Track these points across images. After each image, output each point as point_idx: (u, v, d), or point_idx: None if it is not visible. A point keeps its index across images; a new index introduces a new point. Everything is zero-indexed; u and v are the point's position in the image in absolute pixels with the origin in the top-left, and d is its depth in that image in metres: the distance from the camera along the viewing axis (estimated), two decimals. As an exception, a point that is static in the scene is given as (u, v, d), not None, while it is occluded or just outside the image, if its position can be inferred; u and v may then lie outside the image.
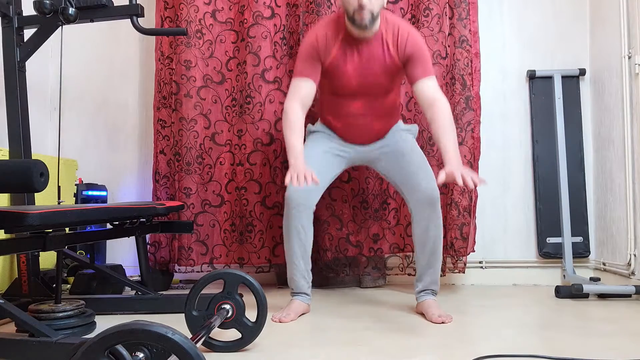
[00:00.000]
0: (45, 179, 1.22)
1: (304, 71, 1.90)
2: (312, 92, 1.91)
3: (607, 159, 2.51)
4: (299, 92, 1.89)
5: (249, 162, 2.49)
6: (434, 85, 1.87)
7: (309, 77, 1.90)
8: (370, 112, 1.98)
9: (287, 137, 1.83)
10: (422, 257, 1.94)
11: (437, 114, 1.80)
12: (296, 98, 1.89)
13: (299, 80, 1.91)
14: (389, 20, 1.89)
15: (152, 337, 0.86)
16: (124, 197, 2.83)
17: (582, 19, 2.69)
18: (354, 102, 1.97)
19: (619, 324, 1.79)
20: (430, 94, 1.84)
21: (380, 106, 1.98)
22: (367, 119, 1.99)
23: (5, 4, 1.95)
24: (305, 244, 1.97)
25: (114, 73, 2.86)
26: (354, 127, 2.02)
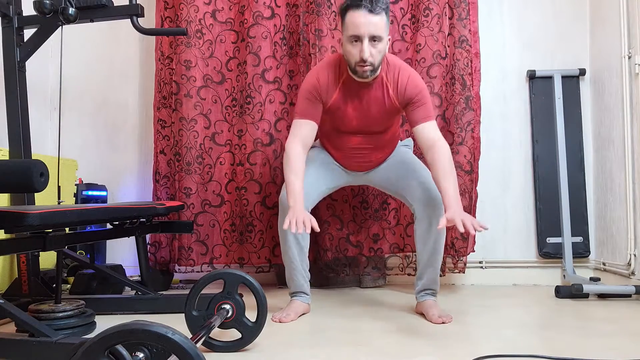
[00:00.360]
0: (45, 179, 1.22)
1: (305, 112, 1.89)
2: (313, 133, 1.91)
3: (607, 159, 2.51)
4: (300, 133, 1.88)
5: (249, 162, 2.49)
6: (434, 128, 1.86)
7: (310, 119, 1.89)
8: (369, 146, 2.00)
9: (288, 178, 1.82)
10: (424, 255, 1.94)
11: (437, 157, 1.79)
12: (297, 139, 1.87)
13: (300, 121, 1.90)
14: (390, 63, 1.89)
15: (152, 337, 0.86)
16: (124, 197, 2.83)
17: (582, 19, 2.69)
18: (353, 138, 1.99)
19: (619, 324, 1.78)
20: (430, 137, 1.83)
21: (380, 140, 2.01)
22: (366, 152, 2.02)
23: (5, 4, 1.95)
24: (302, 243, 1.97)
25: (114, 73, 2.86)
26: (353, 159, 2.05)
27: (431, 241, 1.91)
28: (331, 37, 2.44)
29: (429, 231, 1.91)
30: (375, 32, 1.73)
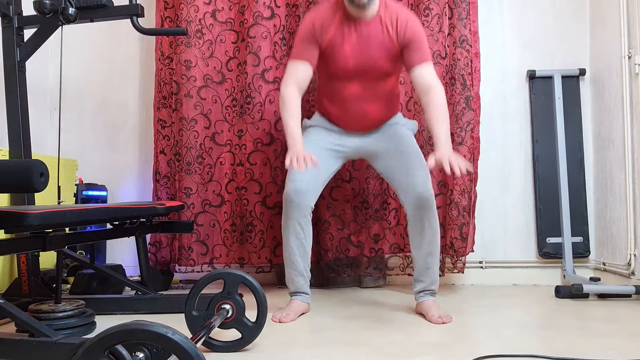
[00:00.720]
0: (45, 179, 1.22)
1: (301, 54, 1.90)
2: (308, 75, 1.91)
3: (607, 159, 2.51)
4: (296, 75, 1.89)
5: (249, 162, 2.49)
6: (431, 71, 1.87)
7: (305, 60, 1.90)
8: (367, 96, 1.95)
9: (285, 120, 1.85)
10: (419, 258, 1.95)
11: (432, 101, 1.81)
12: (292, 81, 1.89)
13: (295, 62, 1.91)
14: (389, 6, 1.90)
15: (152, 337, 0.86)
16: (124, 197, 2.83)
17: (582, 19, 2.69)
18: (350, 85, 1.95)
19: (619, 324, 1.79)
20: (426, 81, 1.85)
21: (378, 91, 1.96)
22: (363, 103, 1.96)
23: (5, 4, 1.95)
24: (304, 243, 1.97)
25: (114, 73, 2.86)
26: (351, 113, 1.99)
27: (426, 243, 1.92)
28: (331, 37, 2.44)
29: (422, 233, 1.92)
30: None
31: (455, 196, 2.40)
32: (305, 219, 1.95)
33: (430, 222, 1.91)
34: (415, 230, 1.93)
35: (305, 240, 1.97)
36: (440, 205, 2.47)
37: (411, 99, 2.49)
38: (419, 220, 1.91)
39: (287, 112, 1.85)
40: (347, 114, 2.00)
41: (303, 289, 2.01)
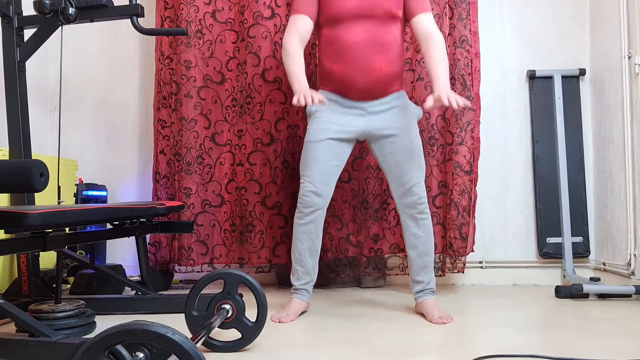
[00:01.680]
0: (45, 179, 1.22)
1: (301, 8, 1.97)
2: (309, 28, 1.97)
3: (607, 159, 2.51)
4: (297, 27, 1.96)
5: (249, 162, 2.49)
6: (431, 20, 1.94)
7: (305, 14, 1.97)
8: (370, 43, 1.91)
9: (289, 67, 1.89)
10: (414, 258, 1.97)
11: (431, 47, 1.88)
12: (294, 33, 1.95)
13: (296, 16, 1.98)
14: None
15: (152, 337, 0.86)
16: (124, 197, 2.83)
17: (582, 19, 2.69)
18: (353, 30, 1.91)
19: (619, 324, 1.79)
20: (426, 28, 1.92)
21: (382, 39, 1.92)
22: (367, 52, 1.91)
23: (5, 4, 1.95)
24: (315, 243, 1.99)
25: (114, 73, 2.86)
26: (355, 65, 1.91)
27: (420, 243, 1.94)
28: (331, 37, 2.44)
29: (415, 236, 1.95)
30: None
31: (455, 196, 2.41)
32: (319, 221, 1.98)
33: (422, 222, 1.94)
34: (409, 232, 1.96)
35: (317, 240, 1.99)
36: (440, 205, 2.48)
37: (413, 93, 2.49)
38: (411, 220, 1.94)
39: (289, 59, 1.90)
40: (350, 67, 1.92)
41: (306, 287, 2.01)
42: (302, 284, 2.01)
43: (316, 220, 1.97)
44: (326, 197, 1.97)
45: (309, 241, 1.98)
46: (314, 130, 1.98)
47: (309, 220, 1.96)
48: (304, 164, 1.98)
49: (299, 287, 2.01)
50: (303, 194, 1.96)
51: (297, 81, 1.84)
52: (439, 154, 2.48)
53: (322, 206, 1.97)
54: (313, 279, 2.03)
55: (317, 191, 1.95)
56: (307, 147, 1.98)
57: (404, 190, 1.94)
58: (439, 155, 2.48)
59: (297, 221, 1.99)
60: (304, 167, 1.98)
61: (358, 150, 2.51)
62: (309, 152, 1.97)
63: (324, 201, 1.97)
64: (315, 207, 1.96)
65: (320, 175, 1.95)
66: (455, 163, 2.42)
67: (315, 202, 1.95)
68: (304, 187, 1.96)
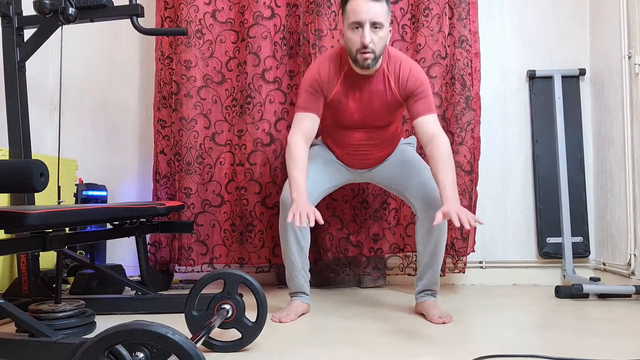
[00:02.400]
0: (45, 179, 1.22)
1: (307, 106, 1.88)
2: (315, 127, 1.89)
3: (607, 159, 2.51)
4: (303, 126, 1.87)
5: (249, 162, 2.49)
6: (435, 122, 1.85)
7: (312, 112, 1.88)
8: (371, 142, 1.99)
9: (291, 172, 1.80)
10: (424, 256, 1.93)
11: (436, 151, 1.78)
12: (299, 133, 1.86)
13: (302, 115, 1.89)
14: (392, 56, 1.88)
15: (152, 337, 0.86)
16: (124, 197, 2.83)
17: (582, 19, 2.69)
18: (355, 133, 1.97)
19: (619, 324, 1.79)
20: (430, 131, 1.82)
21: (382, 137, 1.99)
22: (368, 148, 2.01)
23: (5, 4, 1.95)
24: (302, 243, 1.96)
25: (114, 73, 2.86)
26: (355, 156, 2.03)
27: (432, 242, 1.91)
28: (331, 37, 2.44)
29: (430, 232, 1.90)
30: (376, 19, 1.73)
31: (455, 196, 2.40)
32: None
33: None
34: (424, 230, 1.92)
35: (304, 240, 1.97)
36: (440, 205, 2.48)
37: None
38: (428, 218, 1.89)
39: (293, 163, 1.81)
40: (350, 156, 2.04)
41: (303, 288, 2.01)
42: (298, 287, 2.01)
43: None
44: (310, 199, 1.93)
45: (294, 242, 1.95)
46: (315, 154, 2.04)
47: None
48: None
49: (295, 290, 2.02)
50: (285, 197, 1.93)
51: (297, 190, 1.75)
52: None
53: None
54: (307, 279, 2.02)
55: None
56: None
57: (422, 191, 1.92)
58: (439, 155, 2.48)
59: (281, 223, 1.97)
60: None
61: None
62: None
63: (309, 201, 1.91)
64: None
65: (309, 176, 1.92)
66: (456, 163, 2.41)
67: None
68: (286, 198, 1.92)
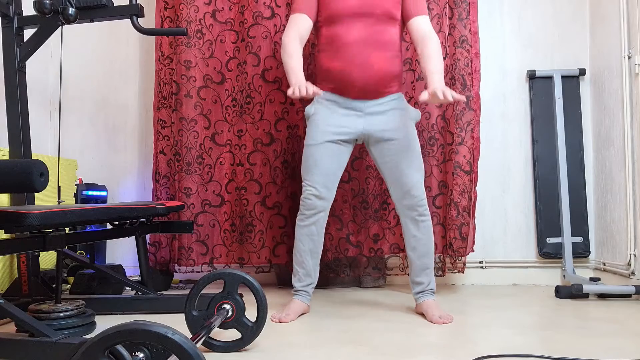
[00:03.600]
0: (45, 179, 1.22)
1: (300, 7, 1.99)
2: (309, 26, 2.00)
3: (607, 159, 2.51)
4: (297, 25, 1.98)
5: (249, 162, 2.49)
6: (427, 22, 1.98)
7: (305, 13, 1.99)
8: (369, 41, 1.92)
9: (287, 63, 1.92)
10: (414, 260, 1.97)
11: (427, 47, 1.91)
12: (294, 31, 1.97)
13: (296, 15, 2.00)
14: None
15: (152, 337, 0.86)
16: (124, 197, 2.83)
17: (582, 19, 2.69)
18: (352, 29, 1.94)
19: (619, 324, 1.79)
20: (422, 30, 1.95)
21: (380, 38, 1.94)
22: (365, 49, 1.92)
23: (5, 4, 1.95)
24: (317, 245, 1.99)
25: (114, 73, 2.86)
26: (353, 62, 1.92)
27: (419, 247, 1.95)
28: (331, 37, 2.44)
29: (416, 237, 1.95)
30: None
31: (455, 196, 2.41)
32: (320, 224, 1.98)
33: (422, 224, 1.95)
34: (409, 234, 1.96)
35: (318, 242, 1.99)
36: (440, 206, 2.48)
37: (412, 99, 2.48)
38: (411, 222, 1.95)
39: (287, 56, 1.92)
40: (349, 64, 1.93)
41: (306, 288, 2.01)
42: (303, 286, 2.01)
43: (318, 222, 1.98)
44: (328, 199, 1.98)
45: (310, 243, 1.98)
46: (313, 133, 1.99)
47: (310, 222, 1.97)
48: (305, 168, 1.98)
49: (299, 288, 2.02)
50: (305, 197, 1.97)
51: (294, 74, 1.87)
52: (439, 154, 2.48)
53: (324, 208, 1.98)
54: (314, 281, 2.03)
55: (319, 194, 1.95)
56: (307, 150, 1.98)
57: (404, 192, 1.94)
58: (439, 155, 2.48)
59: (299, 223, 2.00)
60: (305, 171, 1.98)
61: (358, 151, 2.51)
62: (310, 156, 1.97)
63: (326, 203, 1.98)
64: (317, 210, 1.96)
65: (322, 178, 1.96)
66: (455, 163, 2.42)
67: (317, 205, 1.96)
68: (306, 191, 1.97)
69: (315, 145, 1.97)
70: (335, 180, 1.99)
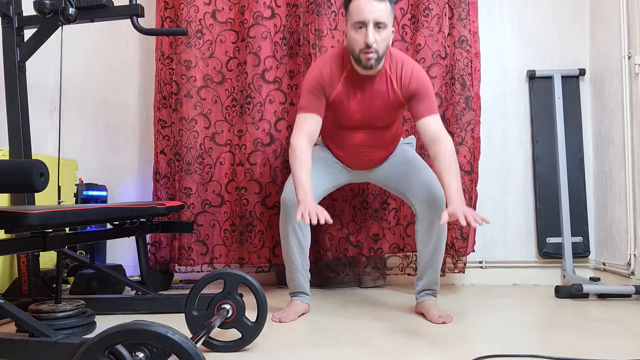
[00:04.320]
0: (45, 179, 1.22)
1: (309, 106, 1.87)
2: (317, 128, 1.88)
3: (607, 159, 2.51)
4: (305, 127, 1.86)
5: (249, 162, 2.49)
6: (438, 122, 1.85)
7: (314, 113, 1.87)
8: (372, 143, 1.99)
9: (296, 173, 1.79)
10: (424, 255, 1.94)
11: (440, 152, 1.79)
12: (303, 133, 1.85)
13: (304, 115, 1.87)
14: (394, 56, 1.88)
15: (152, 337, 0.86)
16: (124, 197, 2.83)
17: (582, 19, 2.69)
18: (356, 134, 1.97)
19: (619, 324, 1.79)
20: (433, 131, 1.83)
21: (383, 137, 1.99)
22: (369, 149, 2.01)
23: (5, 4, 1.95)
24: (303, 243, 1.96)
25: (114, 73, 2.86)
26: (356, 157, 2.04)
27: (432, 241, 1.91)
28: (331, 37, 2.44)
29: (430, 231, 1.90)
30: (380, 19, 1.73)
31: (455, 196, 2.40)
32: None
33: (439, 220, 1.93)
34: (424, 229, 1.92)
35: (304, 240, 1.97)
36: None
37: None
38: (428, 218, 1.90)
39: (298, 164, 1.79)
40: (352, 157, 2.05)
41: (303, 288, 2.01)
42: (299, 286, 2.01)
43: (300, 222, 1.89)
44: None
45: (295, 241, 1.94)
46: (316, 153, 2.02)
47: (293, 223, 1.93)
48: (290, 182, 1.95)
49: (295, 290, 2.02)
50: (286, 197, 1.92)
51: (302, 190, 1.73)
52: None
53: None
54: (307, 276, 2.02)
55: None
56: None
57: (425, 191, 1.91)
58: (439, 155, 2.48)
59: (282, 224, 1.97)
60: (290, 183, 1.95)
61: (358, 150, 2.52)
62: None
63: None
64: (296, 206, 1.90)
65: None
66: (455, 163, 2.42)
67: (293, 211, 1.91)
68: (287, 191, 1.93)
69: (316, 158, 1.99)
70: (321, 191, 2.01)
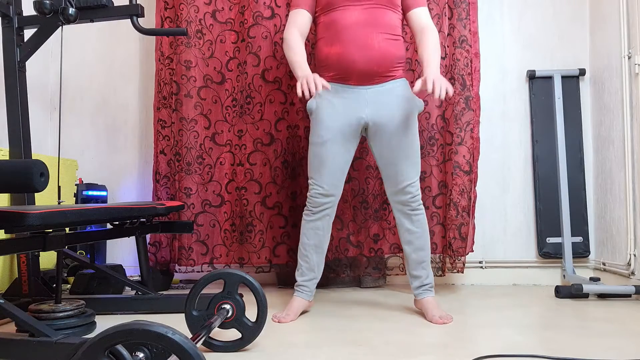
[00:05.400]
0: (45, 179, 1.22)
1: (299, 3, 2.01)
2: (308, 22, 2.02)
3: (607, 159, 2.51)
4: (297, 21, 2.00)
5: (249, 162, 2.49)
6: (426, 14, 2.00)
7: (304, 8, 2.01)
8: (367, 23, 1.90)
9: (290, 57, 1.92)
10: (410, 253, 1.97)
11: (425, 38, 1.93)
12: (294, 27, 1.99)
13: (295, 11, 2.02)
14: None
15: (152, 337, 0.86)
16: (124, 197, 2.83)
17: (582, 19, 2.69)
18: (349, 12, 1.91)
19: (619, 324, 1.79)
20: (421, 22, 1.98)
21: (378, 20, 1.90)
22: (364, 30, 1.89)
23: (5, 4, 1.95)
24: (322, 240, 2.00)
25: (114, 73, 2.86)
26: (353, 43, 1.88)
27: (414, 241, 1.95)
28: (331, 37, 2.44)
29: (410, 231, 1.95)
30: None
31: (455, 196, 2.41)
32: (327, 223, 1.98)
33: (417, 219, 1.95)
34: (403, 229, 1.97)
35: (324, 238, 1.99)
36: (440, 205, 2.48)
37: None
38: (403, 215, 1.95)
39: (292, 51, 1.93)
40: (348, 46, 1.89)
41: (308, 283, 2.01)
42: (305, 280, 2.00)
43: (324, 218, 1.98)
44: (336, 195, 1.98)
45: (315, 237, 1.98)
46: (318, 130, 1.96)
47: (317, 217, 1.97)
48: (311, 166, 1.98)
49: (301, 282, 2.01)
50: (312, 195, 1.97)
51: (300, 67, 1.87)
52: (439, 154, 2.48)
53: (331, 205, 1.98)
54: (317, 276, 2.02)
55: (326, 192, 1.96)
56: (312, 149, 1.97)
57: (398, 189, 1.95)
58: (438, 155, 2.48)
59: (305, 218, 2.00)
60: (311, 170, 1.98)
61: (358, 151, 2.51)
62: (315, 155, 1.95)
63: (334, 200, 1.98)
64: (324, 207, 1.97)
65: (328, 177, 1.95)
66: (455, 163, 2.42)
67: (324, 202, 1.96)
68: (313, 190, 1.97)
69: (321, 143, 1.94)
70: (342, 177, 1.99)
